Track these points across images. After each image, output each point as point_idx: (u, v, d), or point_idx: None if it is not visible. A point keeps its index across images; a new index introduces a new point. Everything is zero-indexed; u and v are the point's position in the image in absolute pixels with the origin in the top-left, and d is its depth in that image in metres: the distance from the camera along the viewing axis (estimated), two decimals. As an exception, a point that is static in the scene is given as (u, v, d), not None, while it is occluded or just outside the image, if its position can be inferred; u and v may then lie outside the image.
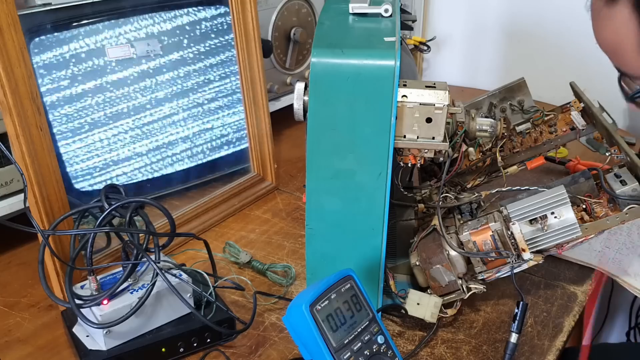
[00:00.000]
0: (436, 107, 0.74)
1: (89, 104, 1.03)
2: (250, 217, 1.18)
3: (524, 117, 0.99)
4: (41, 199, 0.86)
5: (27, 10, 0.93)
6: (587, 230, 0.82)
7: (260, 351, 0.85)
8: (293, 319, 0.64)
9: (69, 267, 0.79)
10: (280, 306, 0.94)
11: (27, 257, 1.04)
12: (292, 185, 1.29)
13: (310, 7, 1.47)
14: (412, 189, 0.95)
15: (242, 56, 1.17)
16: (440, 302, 0.85)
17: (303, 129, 0.77)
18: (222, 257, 1.04)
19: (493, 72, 1.79)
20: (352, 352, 0.65)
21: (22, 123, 0.82)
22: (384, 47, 0.72)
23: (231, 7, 1.14)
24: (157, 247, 0.82)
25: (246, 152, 1.25)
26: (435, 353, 0.85)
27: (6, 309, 0.93)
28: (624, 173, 0.84)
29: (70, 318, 0.86)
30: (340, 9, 0.83)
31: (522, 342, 0.85)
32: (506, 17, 1.71)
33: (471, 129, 0.84)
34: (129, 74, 1.06)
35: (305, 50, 1.49)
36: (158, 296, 0.82)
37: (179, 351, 0.83)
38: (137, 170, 1.11)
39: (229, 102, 1.21)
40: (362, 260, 0.82)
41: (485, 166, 1.01)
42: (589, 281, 0.99)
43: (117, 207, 0.79)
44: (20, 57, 0.81)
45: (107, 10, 1.02)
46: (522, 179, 1.21)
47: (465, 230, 0.82)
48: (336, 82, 0.72)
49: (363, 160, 0.76)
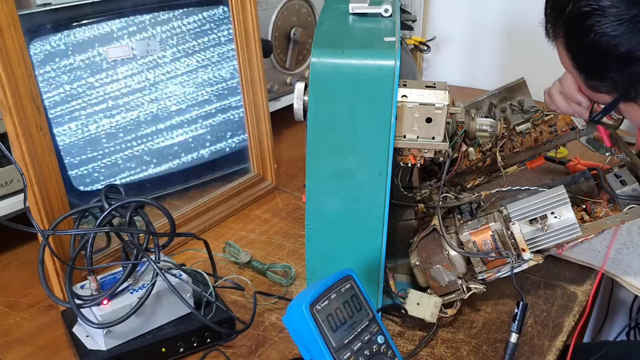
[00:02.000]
0: (436, 107, 0.74)
1: (89, 104, 1.03)
2: (250, 217, 1.18)
3: (524, 117, 0.99)
4: (41, 199, 0.86)
5: (27, 10, 0.93)
6: (587, 230, 0.82)
7: (260, 351, 0.85)
8: (293, 319, 0.64)
9: (69, 267, 0.79)
10: (280, 306, 0.94)
11: (27, 257, 1.04)
12: (292, 185, 1.29)
13: (310, 7, 1.47)
14: (412, 189, 0.95)
15: (242, 56, 1.17)
16: (440, 302, 0.85)
17: (303, 129, 0.77)
18: (222, 257, 1.04)
19: (493, 72, 1.79)
20: (352, 352, 0.65)
21: (22, 123, 0.82)
22: (384, 47, 0.72)
23: (231, 7, 1.14)
24: (157, 247, 0.82)
25: (246, 152, 1.25)
26: (435, 353, 0.85)
27: (6, 309, 0.93)
28: (624, 173, 0.84)
29: (70, 318, 0.86)
30: (340, 9, 0.83)
31: (522, 342, 0.85)
32: (506, 17, 1.72)
33: (471, 129, 0.84)
34: (129, 74, 1.06)
35: (305, 50, 1.49)
36: (158, 296, 0.82)
37: (179, 351, 0.83)
38: (137, 170, 1.11)
39: (229, 102, 1.21)
40: (362, 260, 0.82)
41: (485, 166, 1.01)
42: (589, 281, 0.99)
43: (117, 207, 0.79)
44: (20, 57, 0.81)
45: (107, 10, 1.02)
46: (522, 179, 1.22)
47: (465, 230, 0.82)
48: (336, 82, 0.72)
49: (363, 160, 0.76)
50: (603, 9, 0.62)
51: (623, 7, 0.61)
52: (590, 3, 0.63)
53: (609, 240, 1.06)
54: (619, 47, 0.63)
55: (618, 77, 0.66)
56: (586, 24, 0.64)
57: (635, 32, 0.62)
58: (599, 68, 0.67)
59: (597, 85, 0.70)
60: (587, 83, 0.71)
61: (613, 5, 0.62)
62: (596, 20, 0.63)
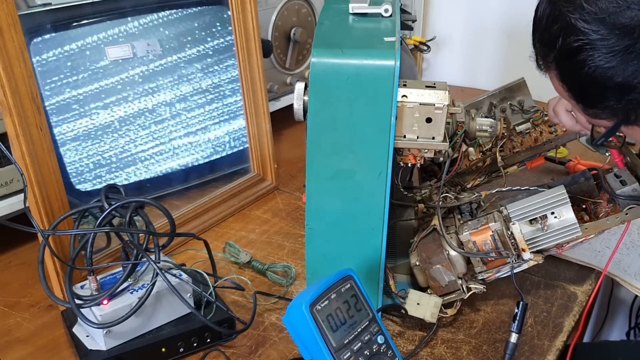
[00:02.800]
0: (436, 107, 0.74)
1: (89, 103, 1.03)
2: (250, 217, 1.18)
3: (524, 117, 0.99)
4: (41, 199, 0.86)
5: (27, 10, 0.93)
6: (587, 230, 0.82)
7: (260, 351, 0.85)
8: (293, 319, 0.64)
9: (69, 267, 0.79)
10: (280, 306, 0.94)
11: (27, 257, 1.04)
12: (292, 185, 1.29)
13: (310, 7, 1.47)
14: (412, 189, 0.95)
15: (242, 56, 1.17)
16: (440, 302, 0.85)
17: (303, 129, 0.77)
18: (222, 257, 1.04)
19: (493, 72, 1.79)
20: (352, 352, 0.65)
21: (22, 123, 0.82)
22: (384, 47, 0.72)
23: (231, 7, 1.14)
24: (157, 247, 0.82)
25: (246, 152, 1.25)
26: (435, 353, 0.85)
27: (6, 309, 0.93)
28: (624, 173, 0.84)
29: (70, 318, 0.86)
30: (340, 9, 0.83)
31: (522, 342, 0.85)
32: (506, 17, 1.71)
33: (471, 129, 0.85)
34: (129, 74, 1.06)
35: (305, 50, 1.49)
36: (158, 296, 0.82)
37: (179, 351, 0.83)
38: (137, 170, 1.11)
39: (229, 102, 1.21)
40: (362, 260, 0.82)
41: (485, 166, 1.01)
42: (589, 281, 0.99)
43: (117, 207, 0.79)
44: (20, 57, 0.81)
45: (107, 10, 1.03)
46: (522, 179, 1.22)
47: (465, 230, 0.82)
48: (336, 82, 0.72)
49: (363, 160, 0.76)
50: (593, 42, 0.61)
51: (614, 39, 0.60)
52: (580, 38, 0.62)
53: (609, 240, 1.06)
54: (614, 78, 0.62)
55: (617, 105, 0.65)
56: (579, 59, 0.63)
57: (629, 62, 0.60)
58: (596, 98, 0.66)
59: (596, 112, 0.68)
60: (586, 111, 0.70)
61: (604, 38, 0.61)
62: (588, 55, 0.62)
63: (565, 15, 0.63)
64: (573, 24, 0.62)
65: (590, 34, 0.61)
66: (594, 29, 0.61)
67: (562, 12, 0.63)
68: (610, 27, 0.60)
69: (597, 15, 0.61)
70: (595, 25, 0.61)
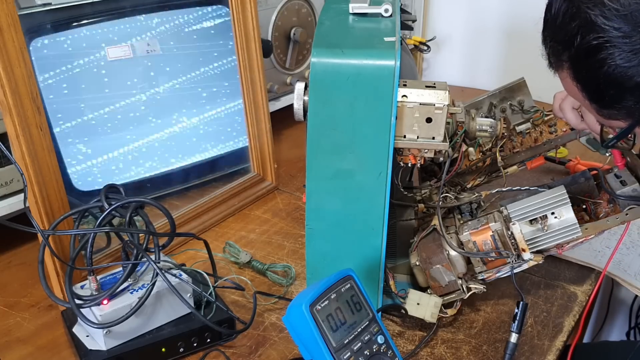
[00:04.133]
0: (436, 107, 0.74)
1: (89, 103, 1.02)
2: (250, 217, 1.18)
3: (524, 117, 0.99)
4: (41, 199, 0.86)
5: (27, 10, 0.93)
6: (587, 230, 0.82)
7: (260, 351, 0.85)
8: (293, 319, 0.64)
9: (69, 267, 0.79)
10: (280, 306, 0.94)
11: (27, 257, 1.04)
12: (292, 185, 1.29)
13: (310, 7, 1.47)
14: (412, 189, 0.95)
15: (242, 56, 1.17)
16: (440, 302, 0.85)
17: (303, 129, 0.77)
18: (222, 257, 1.04)
19: (493, 72, 1.79)
20: (352, 352, 0.65)
21: (22, 123, 0.82)
22: (384, 47, 0.72)
23: (231, 7, 1.14)
24: (157, 247, 0.82)
25: (246, 152, 1.25)
26: (435, 353, 0.85)
27: (6, 309, 0.93)
28: (624, 173, 0.83)
29: (70, 318, 0.86)
30: (340, 9, 0.83)
31: (522, 342, 0.85)
32: (506, 17, 1.71)
33: (471, 129, 0.85)
34: (129, 73, 1.06)
35: (305, 50, 1.49)
36: (158, 296, 0.82)
37: (179, 351, 0.83)
38: (137, 170, 1.11)
39: (229, 102, 1.21)
40: (362, 260, 0.82)
41: (485, 166, 1.01)
42: (589, 281, 0.99)
43: (117, 207, 0.79)
44: (20, 57, 0.81)
45: (107, 10, 1.03)
46: (522, 179, 1.22)
47: (465, 230, 0.82)
48: (336, 82, 0.72)
49: (363, 160, 0.76)
50: (614, 40, 0.59)
51: (636, 37, 0.58)
52: (600, 35, 0.59)
53: (609, 240, 1.06)
54: (635, 78, 0.60)
55: (635, 105, 0.63)
56: (598, 57, 0.60)
57: None
58: (613, 98, 0.64)
59: (611, 113, 0.66)
60: (600, 112, 0.68)
61: (626, 36, 0.58)
62: (608, 53, 0.59)
63: (585, 11, 0.60)
64: (593, 21, 0.60)
65: (611, 32, 0.59)
66: (616, 26, 0.59)
67: (580, 8, 0.61)
68: (633, 24, 0.58)
69: (619, 12, 0.58)
70: (616, 22, 0.59)
